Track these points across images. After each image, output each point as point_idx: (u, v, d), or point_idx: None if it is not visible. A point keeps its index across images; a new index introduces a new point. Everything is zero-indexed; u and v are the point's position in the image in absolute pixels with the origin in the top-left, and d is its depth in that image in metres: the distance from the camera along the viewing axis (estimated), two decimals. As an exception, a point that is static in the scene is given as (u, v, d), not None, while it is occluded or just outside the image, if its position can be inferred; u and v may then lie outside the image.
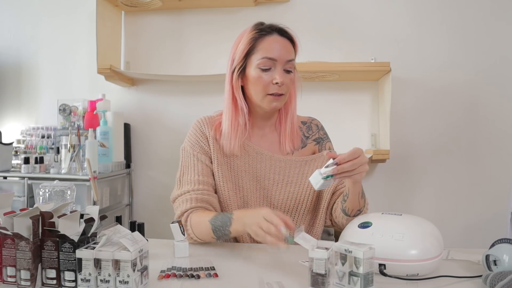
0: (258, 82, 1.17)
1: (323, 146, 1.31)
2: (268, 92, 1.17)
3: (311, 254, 0.84)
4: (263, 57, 1.15)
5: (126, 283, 0.80)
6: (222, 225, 1.08)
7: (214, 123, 1.26)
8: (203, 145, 1.23)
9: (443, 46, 2.37)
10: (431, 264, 0.91)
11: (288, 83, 1.18)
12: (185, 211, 1.16)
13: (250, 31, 1.19)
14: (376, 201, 2.46)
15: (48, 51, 2.65)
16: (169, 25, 2.55)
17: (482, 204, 2.37)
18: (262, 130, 1.28)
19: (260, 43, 1.17)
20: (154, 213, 2.55)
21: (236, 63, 1.20)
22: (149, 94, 2.59)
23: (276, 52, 1.16)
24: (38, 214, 0.86)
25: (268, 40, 1.17)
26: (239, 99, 1.20)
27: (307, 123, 1.33)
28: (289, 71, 1.18)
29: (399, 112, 2.37)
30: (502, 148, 2.35)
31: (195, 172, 1.20)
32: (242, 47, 1.18)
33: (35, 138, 2.50)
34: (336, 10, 2.43)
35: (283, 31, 1.19)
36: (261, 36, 1.17)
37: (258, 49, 1.17)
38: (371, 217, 1.01)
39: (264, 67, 1.16)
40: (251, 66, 1.18)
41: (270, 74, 1.16)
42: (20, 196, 2.14)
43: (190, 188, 1.18)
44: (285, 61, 1.16)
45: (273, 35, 1.17)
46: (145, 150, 2.59)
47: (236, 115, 1.20)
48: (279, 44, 1.17)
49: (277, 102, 1.18)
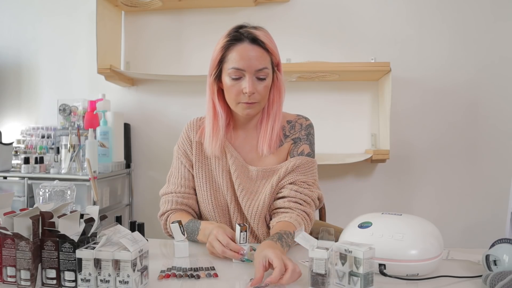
0: (230, 91, 1.17)
1: (297, 147, 1.26)
2: (240, 101, 1.17)
3: (311, 254, 0.84)
4: (232, 67, 1.15)
5: (126, 283, 0.80)
6: (191, 232, 1.18)
7: (202, 124, 1.30)
8: (187, 150, 1.30)
9: (443, 46, 2.37)
10: (431, 264, 0.91)
11: (261, 90, 1.16)
12: (166, 212, 1.28)
13: (224, 37, 1.18)
14: (376, 201, 2.46)
15: (48, 51, 2.65)
16: (169, 25, 2.55)
17: (482, 204, 2.37)
18: (245, 130, 1.28)
19: (230, 51, 1.16)
20: (154, 213, 2.53)
21: (211, 69, 1.21)
22: (149, 94, 2.59)
23: (244, 63, 1.14)
24: (38, 214, 0.86)
25: (238, 49, 1.15)
26: (216, 104, 1.22)
27: (292, 122, 1.30)
28: (263, 79, 1.16)
29: (399, 112, 2.37)
30: (502, 148, 2.35)
31: (179, 175, 1.30)
32: (215, 55, 1.19)
33: (35, 138, 2.50)
34: (336, 10, 2.43)
35: (255, 39, 1.15)
36: (232, 45, 1.16)
37: (228, 58, 1.16)
38: (371, 217, 1.01)
39: (234, 77, 1.15)
40: (224, 73, 1.18)
41: (240, 83, 1.15)
42: (20, 196, 2.14)
43: (174, 189, 1.29)
44: (255, 70, 1.14)
45: (244, 43, 1.15)
46: (145, 150, 2.59)
47: (215, 118, 1.23)
48: (248, 53, 1.14)
49: (250, 109, 1.18)
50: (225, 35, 1.18)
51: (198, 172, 1.28)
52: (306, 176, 1.22)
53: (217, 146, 1.22)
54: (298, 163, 1.22)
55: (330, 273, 0.85)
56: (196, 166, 1.28)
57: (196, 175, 1.28)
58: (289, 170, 1.21)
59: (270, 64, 1.18)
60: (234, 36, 1.16)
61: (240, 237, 1.03)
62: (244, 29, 1.17)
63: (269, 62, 1.18)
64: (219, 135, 1.22)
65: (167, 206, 1.27)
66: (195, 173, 1.28)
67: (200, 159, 1.28)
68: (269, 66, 1.17)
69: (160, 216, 1.30)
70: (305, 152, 1.26)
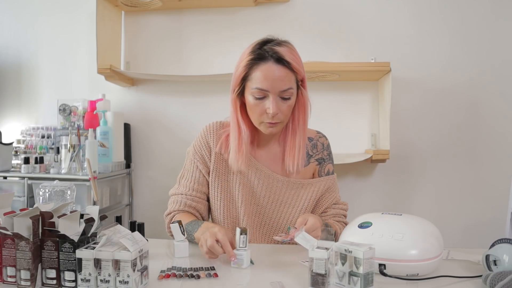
0: (253, 110, 1.16)
1: (323, 167, 1.31)
2: (263, 120, 1.16)
3: (311, 254, 0.84)
4: (256, 87, 1.12)
5: (126, 283, 0.80)
6: (191, 230, 1.17)
7: (223, 133, 1.27)
8: (205, 156, 1.28)
9: (443, 46, 2.37)
10: (431, 264, 0.91)
11: (284, 110, 1.15)
12: (172, 211, 1.28)
13: (247, 54, 1.15)
14: (376, 201, 2.46)
15: (48, 51, 2.65)
16: (169, 25, 2.55)
17: (482, 204, 2.37)
18: (267, 144, 1.28)
19: (254, 70, 1.13)
20: (154, 213, 2.55)
21: (234, 86, 1.18)
22: (149, 94, 2.59)
23: (268, 83, 1.11)
24: (38, 214, 0.86)
25: (262, 69, 1.12)
26: (240, 121, 1.20)
27: (313, 140, 1.32)
28: (287, 98, 1.14)
29: (399, 112, 2.37)
30: (502, 148, 2.35)
31: (192, 179, 1.28)
32: (239, 72, 1.16)
33: (35, 138, 2.50)
34: (336, 10, 2.43)
35: (280, 59, 1.12)
36: (256, 63, 1.12)
37: (252, 77, 1.13)
38: (371, 217, 1.01)
39: (257, 96, 1.13)
40: (247, 91, 1.16)
41: (264, 103, 1.13)
42: (20, 196, 2.14)
43: (184, 191, 1.28)
44: (279, 91, 1.12)
45: (268, 63, 1.11)
46: (145, 150, 2.59)
47: (239, 135, 1.20)
48: (272, 74, 1.11)
49: (273, 128, 1.17)
50: (248, 52, 1.15)
51: (213, 181, 1.27)
52: (335, 193, 1.33)
53: (242, 162, 1.21)
54: (329, 184, 1.31)
55: (330, 273, 0.85)
56: (212, 175, 1.27)
57: (211, 183, 1.28)
58: (321, 191, 1.29)
59: (295, 82, 1.15)
60: (258, 54, 1.13)
61: (239, 240, 0.99)
62: (269, 46, 1.13)
63: (294, 81, 1.15)
64: (244, 151, 1.20)
65: (174, 206, 1.27)
66: (211, 182, 1.28)
67: (217, 169, 1.27)
68: (294, 85, 1.15)
69: (166, 215, 1.30)
70: (330, 171, 1.33)
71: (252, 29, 2.46)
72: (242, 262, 0.98)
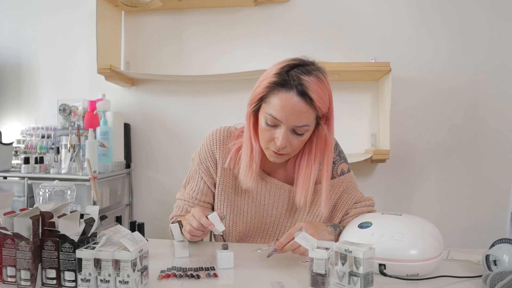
0: (262, 134, 1.10)
1: (335, 170, 1.24)
2: (269, 147, 1.10)
3: (311, 254, 0.84)
4: (270, 113, 1.05)
5: (126, 283, 0.80)
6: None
7: (232, 147, 1.21)
8: (210, 168, 1.24)
9: (443, 46, 2.37)
10: (431, 264, 0.91)
11: (294, 144, 1.08)
12: (175, 216, 1.28)
13: (272, 74, 1.06)
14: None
15: (48, 51, 2.65)
16: (169, 25, 2.55)
17: (482, 204, 2.37)
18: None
19: (273, 95, 1.04)
20: (154, 213, 2.55)
21: (251, 102, 1.11)
22: (149, 94, 2.59)
23: (283, 115, 1.03)
24: (38, 214, 0.86)
25: (281, 97, 1.03)
26: (252, 139, 1.14)
27: None
28: (300, 134, 1.07)
29: (399, 112, 2.37)
30: (502, 148, 2.35)
31: (197, 188, 1.26)
32: (258, 90, 1.08)
33: (35, 138, 2.50)
34: (336, 10, 2.43)
35: (304, 92, 1.02)
36: (277, 88, 1.04)
37: (269, 101, 1.05)
38: (371, 217, 1.01)
39: (269, 123, 1.06)
40: (262, 113, 1.09)
41: (274, 131, 1.07)
42: (20, 196, 2.14)
43: (188, 198, 1.27)
44: (293, 125, 1.04)
45: (290, 93, 1.02)
46: (145, 150, 2.59)
47: (251, 152, 1.15)
48: (291, 106, 1.02)
49: (277, 158, 1.11)
50: (273, 73, 1.06)
51: (220, 195, 1.24)
52: (355, 192, 1.26)
53: (252, 179, 1.16)
54: (346, 184, 1.24)
55: (330, 273, 0.85)
56: (219, 189, 1.24)
57: (218, 196, 1.25)
58: (338, 193, 1.23)
59: (314, 119, 1.07)
60: (283, 80, 1.03)
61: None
62: (296, 72, 1.04)
63: (313, 118, 1.07)
64: (254, 169, 1.15)
65: (177, 211, 1.28)
66: (217, 195, 1.25)
67: (224, 184, 1.24)
68: (312, 122, 1.07)
69: (170, 219, 1.30)
70: (345, 170, 1.26)
71: (252, 29, 2.46)
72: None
